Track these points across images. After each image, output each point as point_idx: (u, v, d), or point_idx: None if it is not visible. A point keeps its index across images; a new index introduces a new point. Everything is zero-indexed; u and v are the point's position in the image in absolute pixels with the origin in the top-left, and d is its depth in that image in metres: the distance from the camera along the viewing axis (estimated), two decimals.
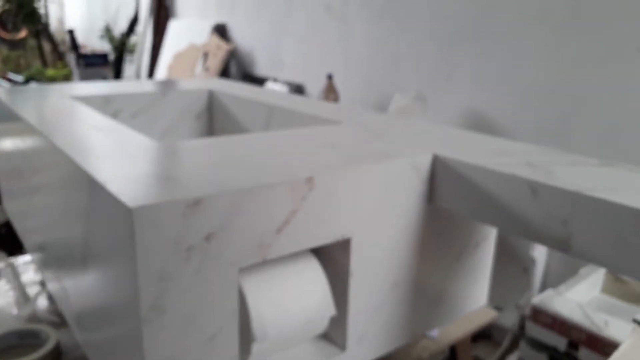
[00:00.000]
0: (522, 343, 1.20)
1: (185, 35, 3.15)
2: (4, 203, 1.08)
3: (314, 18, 2.34)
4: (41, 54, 4.91)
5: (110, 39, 3.78)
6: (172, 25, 3.30)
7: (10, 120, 0.91)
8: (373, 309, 0.62)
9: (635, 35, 1.30)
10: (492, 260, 0.76)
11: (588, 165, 0.59)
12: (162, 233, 0.45)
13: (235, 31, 2.93)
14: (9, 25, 5.11)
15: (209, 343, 0.50)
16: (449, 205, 0.62)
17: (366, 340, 0.63)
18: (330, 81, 2.05)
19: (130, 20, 3.67)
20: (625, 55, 1.33)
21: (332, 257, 0.60)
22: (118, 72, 3.59)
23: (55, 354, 0.75)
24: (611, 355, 1.02)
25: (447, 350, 0.92)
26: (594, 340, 1.07)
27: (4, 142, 1.00)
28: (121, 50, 3.66)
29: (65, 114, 0.82)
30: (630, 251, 0.46)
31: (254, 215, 0.50)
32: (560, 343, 1.13)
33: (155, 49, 3.44)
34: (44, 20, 4.89)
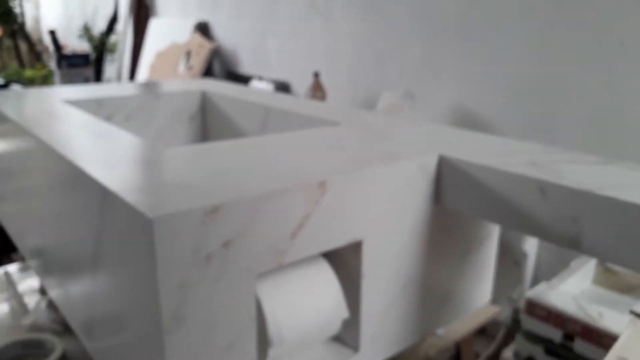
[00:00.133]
0: (518, 336, 1.21)
1: (167, 34, 3.11)
2: None
3: (299, 15, 2.33)
4: (17, 54, 4.82)
5: (90, 39, 3.72)
6: (153, 23, 3.26)
7: (1, 123, 0.89)
8: (384, 310, 0.63)
9: (619, 30, 1.33)
10: (495, 257, 0.77)
11: (589, 163, 0.60)
12: (182, 242, 0.44)
13: (217, 29, 2.91)
14: None
15: (228, 350, 0.50)
16: (456, 205, 0.62)
17: (378, 340, 0.63)
18: (317, 79, 2.05)
19: (109, 19, 3.62)
20: (608, 49, 1.35)
21: (343, 260, 0.61)
22: (98, 72, 3.54)
23: None
24: (611, 348, 1.04)
25: (453, 346, 0.93)
26: (589, 332, 1.09)
27: None
28: (101, 49, 3.61)
29: (61, 118, 0.80)
30: None
31: (269, 220, 0.50)
32: (556, 335, 1.15)
33: (136, 48, 3.39)
34: (19, 19, 4.80)
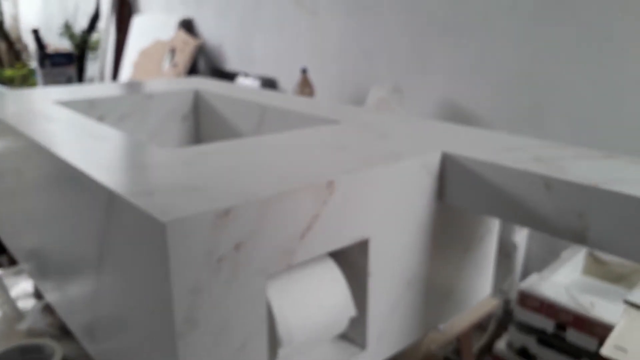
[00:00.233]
0: (511, 327, 1.23)
1: (150, 31, 3.08)
2: None
3: (285, 11, 2.32)
4: None
5: (71, 37, 3.66)
6: (136, 21, 3.22)
7: None
8: (391, 307, 0.63)
9: (605, 23, 1.35)
10: (495, 252, 0.78)
11: (593, 157, 0.61)
12: (194, 245, 0.44)
13: (202, 26, 2.88)
14: None
15: (239, 352, 0.50)
16: (459, 201, 0.63)
17: (384, 337, 0.64)
18: (304, 75, 2.04)
19: (91, 16, 3.56)
20: (596, 43, 1.37)
21: (350, 259, 0.61)
22: (80, 71, 3.48)
23: None
24: (602, 336, 1.06)
25: (455, 340, 0.94)
26: (581, 321, 1.11)
27: None
28: (83, 48, 3.55)
29: (55, 120, 0.79)
30: None
31: (279, 221, 0.50)
32: (548, 325, 1.17)
33: (119, 46, 3.35)
34: None
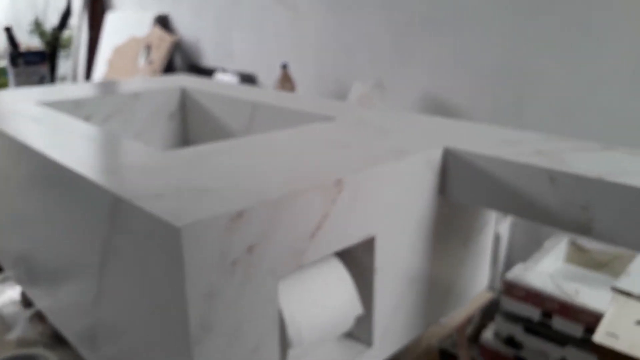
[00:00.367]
0: (497, 317, 1.25)
1: (125, 27, 3.02)
2: None
3: (263, 6, 2.30)
4: None
5: (41, 34, 3.57)
6: (110, 17, 3.16)
7: None
8: (395, 304, 0.63)
9: (583, 15, 1.37)
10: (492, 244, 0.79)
11: (592, 150, 0.62)
12: (208, 249, 0.44)
13: (178, 22, 2.84)
14: None
15: (252, 354, 0.49)
16: (462, 196, 0.63)
17: (389, 334, 0.64)
18: (285, 70, 2.03)
19: (62, 13, 3.48)
20: (575, 36, 1.39)
21: (355, 257, 0.61)
22: (52, 69, 3.40)
23: None
24: (587, 322, 1.08)
25: (455, 334, 0.95)
26: (566, 309, 1.14)
27: None
28: (54, 45, 3.46)
29: (41, 121, 0.77)
30: None
31: (290, 222, 0.49)
32: (534, 314, 1.19)
33: (92, 43, 3.28)
34: None
